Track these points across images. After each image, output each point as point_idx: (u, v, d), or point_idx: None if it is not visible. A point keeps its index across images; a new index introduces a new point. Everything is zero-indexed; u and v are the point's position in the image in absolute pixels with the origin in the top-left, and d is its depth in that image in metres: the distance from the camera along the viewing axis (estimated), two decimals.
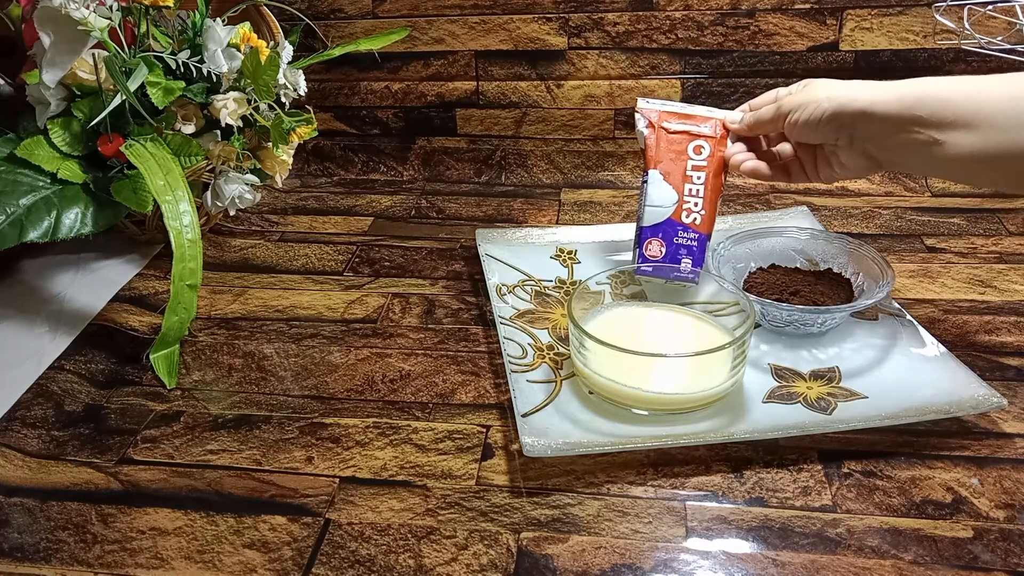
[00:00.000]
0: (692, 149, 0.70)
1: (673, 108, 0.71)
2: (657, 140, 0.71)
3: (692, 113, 0.71)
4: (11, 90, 0.79)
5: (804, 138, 0.62)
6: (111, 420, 0.62)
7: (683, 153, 0.70)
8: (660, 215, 0.70)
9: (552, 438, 0.56)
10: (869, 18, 0.92)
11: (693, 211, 0.70)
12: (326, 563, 0.49)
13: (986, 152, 0.52)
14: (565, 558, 0.49)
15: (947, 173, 0.60)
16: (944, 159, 0.54)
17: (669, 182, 0.70)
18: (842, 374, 0.63)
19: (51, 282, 0.80)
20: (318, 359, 0.68)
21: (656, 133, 0.71)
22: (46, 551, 0.51)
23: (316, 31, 0.98)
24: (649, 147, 0.71)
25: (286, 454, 0.58)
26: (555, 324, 0.70)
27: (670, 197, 0.70)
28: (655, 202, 0.70)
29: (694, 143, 0.70)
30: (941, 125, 0.54)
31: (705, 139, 0.70)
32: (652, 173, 0.70)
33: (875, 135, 0.58)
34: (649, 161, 0.71)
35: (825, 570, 0.48)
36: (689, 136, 0.70)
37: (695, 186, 0.70)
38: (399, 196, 0.99)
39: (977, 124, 0.52)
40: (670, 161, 0.70)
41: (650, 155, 0.70)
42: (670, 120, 0.71)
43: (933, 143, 0.54)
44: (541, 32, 0.98)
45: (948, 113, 0.53)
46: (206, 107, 0.76)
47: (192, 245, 0.65)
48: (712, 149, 0.69)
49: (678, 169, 0.70)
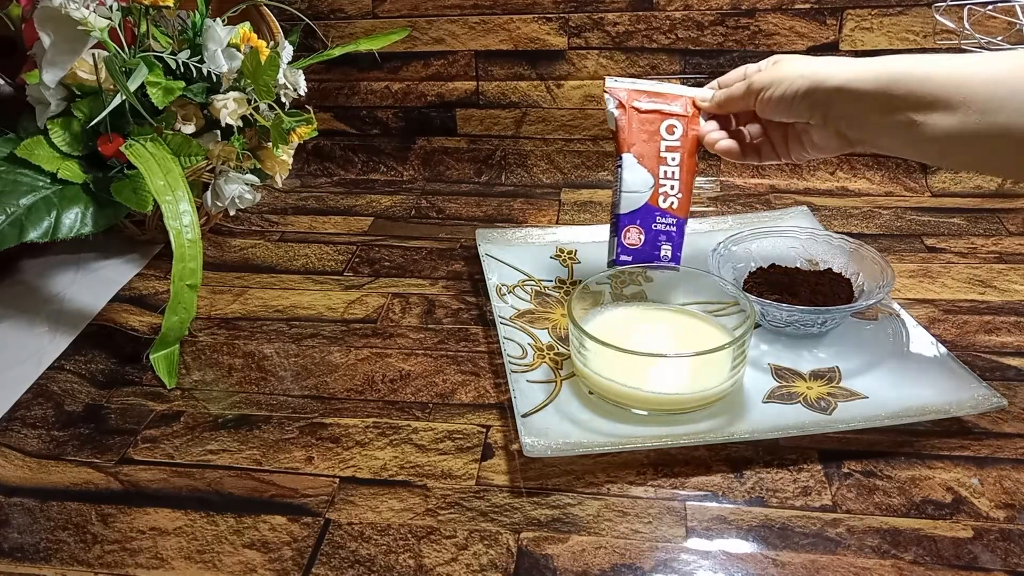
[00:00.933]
0: (664, 129, 0.67)
1: (643, 86, 0.69)
2: (629, 121, 0.68)
3: (662, 91, 0.69)
4: (11, 90, 0.79)
5: (776, 116, 0.61)
6: (111, 420, 0.62)
7: (655, 134, 0.68)
8: (637, 201, 0.68)
9: (552, 438, 0.56)
10: (869, 18, 0.92)
11: (670, 195, 0.68)
12: (326, 563, 0.49)
13: (964, 133, 0.51)
14: (565, 558, 0.49)
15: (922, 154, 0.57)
16: (920, 140, 0.53)
17: (644, 165, 0.67)
18: (842, 374, 0.63)
19: (51, 282, 0.80)
20: (318, 359, 0.68)
21: (627, 114, 0.68)
22: (46, 551, 0.51)
23: (316, 31, 0.98)
24: (621, 129, 0.68)
25: (286, 454, 0.58)
26: (555, 324, 0.70)
27: (646, 181, 0.67)
28: (631, 187, 0.67)
29: (666, 123, 0.67)
30: (919, 106, 0.52)
31: (677, 118, 0.67)
32: (626, 157, 0.67)
33: (850, 114, 0.56)
34: (622, 144, 0.68)
35: (825, 570, 0.48)
36: (661, 115, 0.67)
37: (670, 168, 0.67)
38: (399, 196, 0.99)
39: (956, 105, 0.51)
40: (643, 143, 0.67)
41: (622, 137, 0.68)
42: (640, 99, 0.68)
43: (910, 124, 0.53)
44: (541, 32, 0.98)
45: (927, 93, 0.52)
46: (206, 107, 0.76)
47: (192, 245, 0.65)
48: (685, 128, 0.67)
49: (652, 151, 0.67)
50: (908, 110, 0.53)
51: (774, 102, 0.59)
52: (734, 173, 0.99)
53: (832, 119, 0.58)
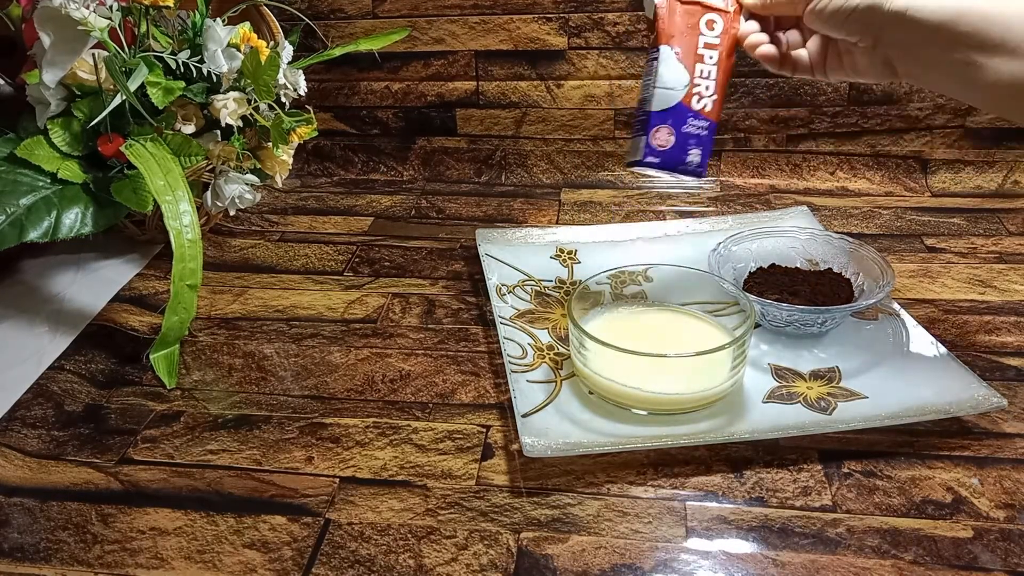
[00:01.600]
0: (704, 24, 0.62)
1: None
2: (670, 10, 0.62)
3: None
4: (11, 90, 0.79)
5: (825, 29, 0.56)
6: (111, 420, 0.62)
7: (695, 28, 0.62)
8: (671, 99, 0.63)
9: (552, 438, 0.56)
10: None
11: (704, 96, 0.63)
12: (326, 563, 0.49)
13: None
14: (565, 558, 0.49)
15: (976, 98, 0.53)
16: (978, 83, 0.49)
17: (681, 60, 0.62)
18: (842, 374, 0.63)
19: (51, 282, 0.80)
20: (318, 359, 0.68)
21: (670, 2, 0.62)
22: (46, 551, 0.51)
23: (316, 31, 0.98)
24: (661, 18, 0.62)
25: (286, 454, 0.58)
26: (555, 324, 0.70)
27: (682, 79, 0.63)
28: (666, 83, 0.62)
29: (707, 17, 0.62)
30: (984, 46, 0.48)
31: (719, 12, 0.62)
32: (664, 50, 0.62)
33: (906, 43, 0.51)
34: (661, 35, 0.62)
35: (825, 570, 0.48)
36: (702, 8, 0.62)
37: (707, 67, 0.63)
38: (399, 196, 0.99)
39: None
40: (682, 36, 0.62)
41: (662, 27, 0.62)
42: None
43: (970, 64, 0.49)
44: (541, 32, 0.98)
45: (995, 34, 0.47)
46: (206, 107, 0.76)
47: (192, 245, 0.65)
48: (726, 25, 0.62)
49: (689, 46, 0.63)
50: (971, 49, 0.49)
51: (826, 14, 0.54)
52: (734, 173, 0.99)
53: (884, 45, 0.53)
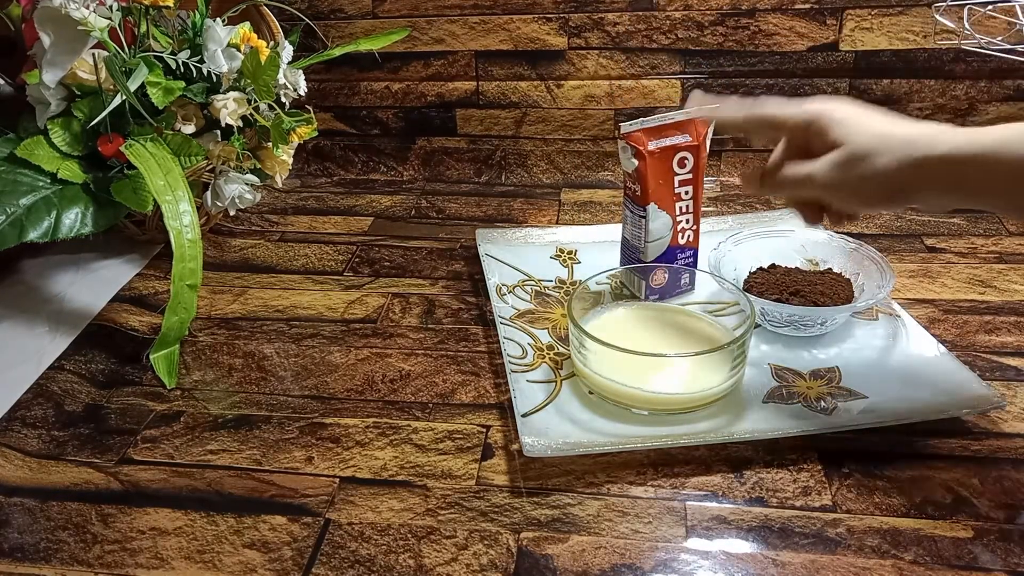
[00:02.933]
0: (677, 163, 0.66)
1: (651, 123, 0.66)
2: (652, 168, 0.66)
3: (668, 121, 0.66)
4: (11, 90, 0.79)
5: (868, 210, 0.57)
6: (111, 420, 0.62)
7: (669, 171, 0.66)
8: (661, 246, 0.69)
9: (552, 438, 0.56)
10: (869, 18, 0.92)
11: (687, 229, 0.69)
12: (326, 563, 0.49)
13: None
14: (565, 558, 0.49)
15: None
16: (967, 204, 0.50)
17: (663, 208, 0.67)
18: (842, 374, 0.63)
19: (51, 282, 0.80)
20: (318, 359, 0.68)
21: (647, 163, 0.65)
22: (46, 551, 0.51)
23: (316, 31, 0.98)
24: (643, 179, 0.66)
25: (286, 454, 0.58)
26: (555, 324, 0.70)
27: (666, 224, 0.68)
28: (655, 236, 0.67)
29: (678, 156, 0.66)
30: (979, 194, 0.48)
31: (688, 149, 0.66)
32: (651, 208, 0.67)
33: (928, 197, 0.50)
34: (646, 195, 0.66)
35: (825, 570, 0.48)
36: (673, 150, 0.66)
37: (684, 202, 0.67)
38: (399, 196, 0.99)
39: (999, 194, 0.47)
40: (660, 186, 0.66)
41: (648, 189, 0.66)
42: (654, 139, 0.66)
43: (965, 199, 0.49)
44: (541, 32, 0.98)
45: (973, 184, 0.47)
46: (206, 107, 0.76)
47: (192, 245, 0.65)
48: (696, 158, 0.66)
49: (668, 191, 0.67)
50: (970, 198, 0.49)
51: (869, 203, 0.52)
52: (734, 173, 0.99)
53: None
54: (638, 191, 0.67)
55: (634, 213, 0.68)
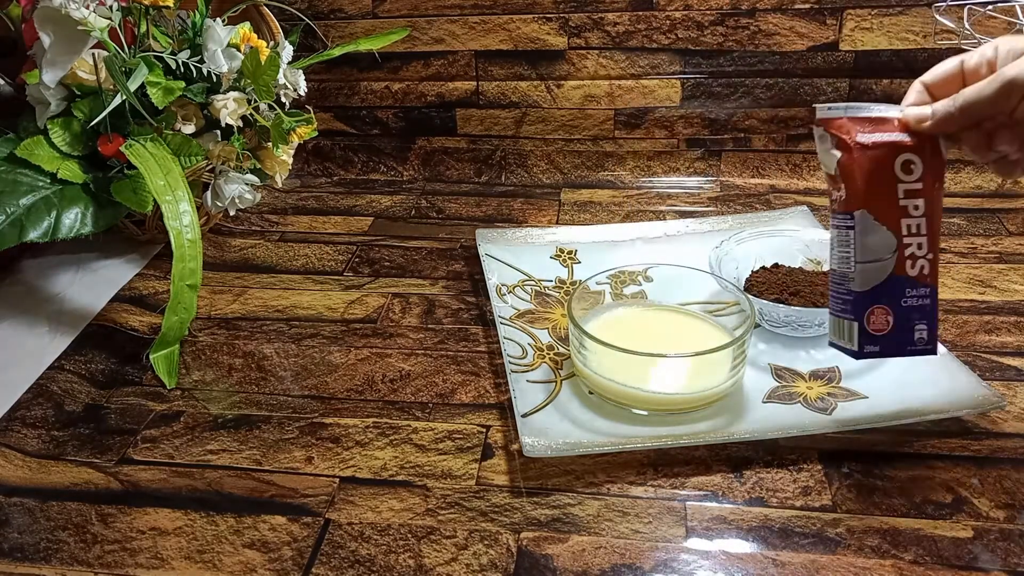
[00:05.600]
0: (900, 167, 0.50)
1: (859, 112, 0.51)
2: (858, 163, 0.50)
3: (883, 115, 0.51)
4: (11, 90, 0.79)
5: None
6: (111, 420, 0.62)
7: (889, 175, 0.50)
8: (881, 272, 0.50)
9: (552, 438, 0.56)
10: (869, 18, 0.92)
11: (918, 256, 0.50)
12: (326, 563, 0.49)
13: None
14: (565, 558, 0.49)
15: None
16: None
17: (882, 221, 0.50)
18: (842, 374, 0.63)
19: (51, 282, 0.80)
20: (318, 359, 0.68)
21: (853, 155, 0.50)
22: (46, 551, 0.51)
23: (316, 31, 0.98)
24: (848, 177, 0.50)
25: (286, 454, 0.58)
26: (555, 324, 0.70)
27: (887, 243, 0.50)
28: (871, 255, 0.50)
29: (901, 158, 0.50)
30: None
31: (912, 150, 0.50)
32: (860, 215, 0.50)
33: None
34: (853, 197, 0.50)
35: (825, 570, 0.48)
36: (893, 148, 0.50)
37: (914, 220, 0.50)
38: (399, 196, 0.99)
39: None
40: (877, 191, 0.50)
41: (853, 188, 0.50)
42: (864, 129, 0.50)
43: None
44: (541, 32, 0.98)
45: None
46: (206, 107, 0.76)
47: (192, 245, 0.65)
48: (925, 164, 0.50)
49: (889, 201, 0.50)
50: None
51: None
52: (734, 173, 0.99)
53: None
54: (843, 195, 0.51)
55: (840, 226, 0.51)
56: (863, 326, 0.51)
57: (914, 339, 0.52)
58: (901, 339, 0.51)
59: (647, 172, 1.00)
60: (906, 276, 0.50)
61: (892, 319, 0.51)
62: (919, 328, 0.51)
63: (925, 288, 0.51)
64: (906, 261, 0.50)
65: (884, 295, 0.51)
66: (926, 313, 0.51)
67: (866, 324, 0.51)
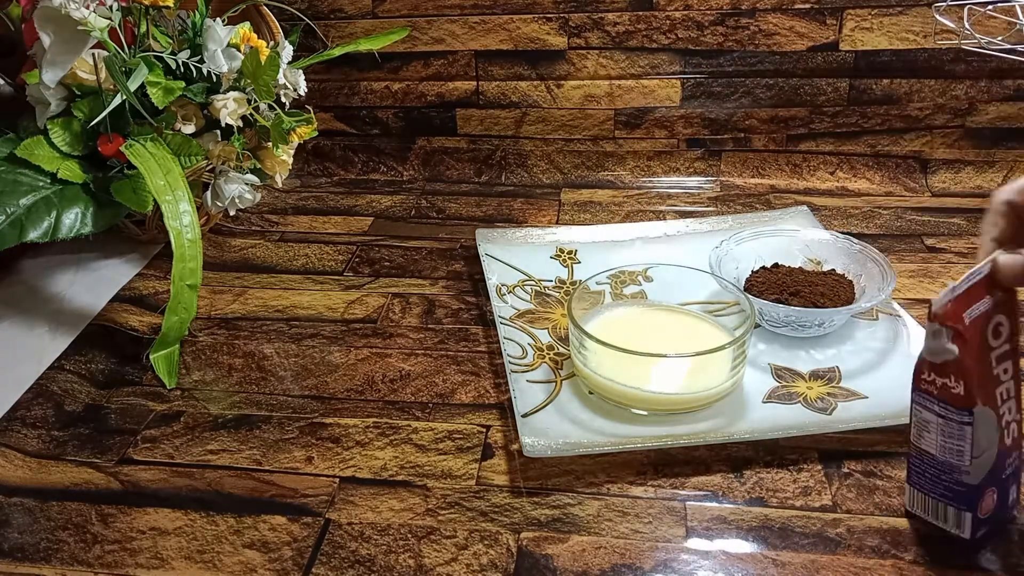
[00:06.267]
0: (991, 333, 0.45)
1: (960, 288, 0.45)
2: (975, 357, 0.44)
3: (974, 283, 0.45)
4: (11, 90, 0.79)
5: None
6: (111, 420, 0.62)
7: (985, 348, 0.45)
8: (991, 459, 0.46)
9: (552, 438, 0.56)
10: (869, 18, 0.92)
11: (1011, 421, 0.46)
12: (326, 563, 0.49)
13: None
14: (565, 558, 0.49)
15: None
16: None
17: (988, 404, 0.45)
18: (842, 374, 0.63)
19: (51, 282, 0.80)
20: (318, 359, 0.68)
21: (969, 346, 0.44)
22: (46, 551, 0.51)
23: (316, 31, 0.98)
24: (967, 372, 0.44)
25: (286, 454, 0.58)
26: (555, 324, 0.70)
27: (994, 425, 0.45)
28: (985, 446, 0.45)
29: (993, 322, 0.45)
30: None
31: (1001, 311, 0.45)
32: (980, 412, 0.45)
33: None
34: (973, 392, 0.44)
35: (825, 570, 0.48)
36: (986, 318, 0.45)
37: (1005, 386, 0.46)
38: (399, 196, 0.99)
39: None
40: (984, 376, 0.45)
41: (972, 383, 0.44)
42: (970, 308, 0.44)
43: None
44: (541, 32, 0.98)
45: None
46: (206, 107, 0.76)
47: (192, 245, 0.65)
48: (1012, 324, 0.46)
49: (989, 376, 0.45)
50: None
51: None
52: (734, 173, 0.99)
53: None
54: (960, 390, 0.44)
55: (951, 418, 0.45)
56: (976, 515, 0.47)
57: (1009, 504, 0.49)
58: (1003, 507, 0.49)
59: (647, 172, 1.00)
60: (1004, 448, 0.46)
61: (996, 496, 0.48)
62: (1012, 489, 0.49)
63: (1017, 452, 0.48)
64: (1004, 432, 0.46)
65: (991, 479, 0.47)
66: (1018, 474, 0.49)
67: (979, 511, 0.47)
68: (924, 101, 0.95)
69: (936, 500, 0.48)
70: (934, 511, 0.49)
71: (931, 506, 0.49)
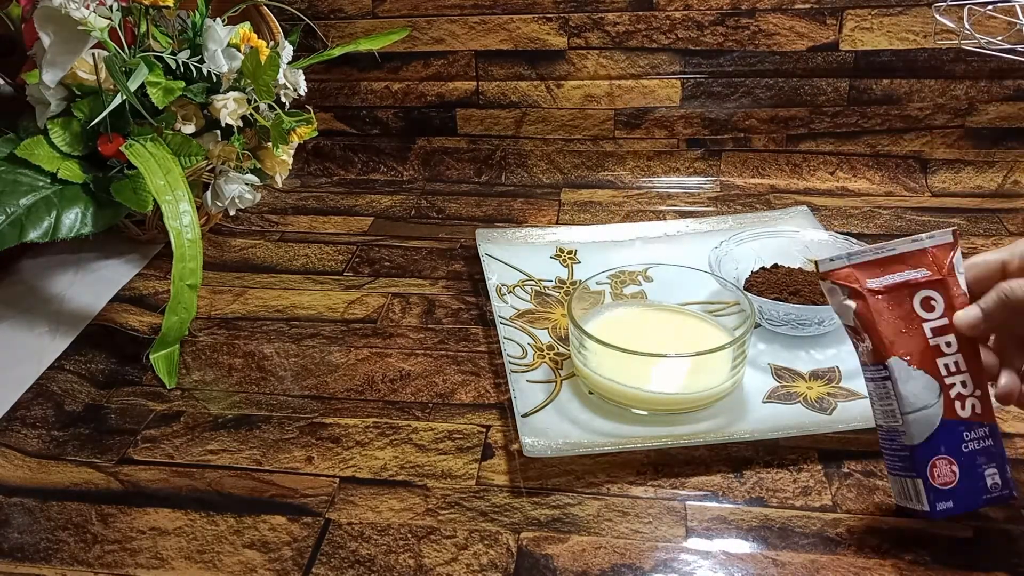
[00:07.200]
0: (920, 305, 0.49)
1: (861, 257, 0.49)
2: (876, 310, 0.48)
3: (892, 252, 0.49)
4: (11, 90, 0.79)
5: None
6: (111, 420, 0.62)
7: (912, 317, 0.48)
8: (931, 420, 0.48)
9: (552, 438, 0.56)
10: (869, 18, 0.92)
11: (965, 395, 0.48)
12: (326, 563, 0.49)
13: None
14: (565, 558, 0.49)
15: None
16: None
17: (919, 366, 0.48)
18: (842, 374, 0.63)
19: (51, 282, 0.80)
20: (318, 359, 0.68)
21: (869, 303, 0.48)
22: (46, 551, 0.51)
23: (316, 31, 0.98)
24: (872, 326, 0.48)
25: (286, 454, 0.58)
26: (555, 324, 0.70)
27: (929, 387, 0.48)
28: (915, 403, 0.48)
29: (920, 295, 0.49)
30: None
31: (929, 286, 0.49)
32: (894, 363, 0.48)
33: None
34: (881, 346, 0.48)
35: (825, 570, 0.48)
36: (908, 288, 0.49)
37: (948, 358, 0.48)
38: (399, 196, 0.99)
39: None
40: (903, 335, 0.48)
41: (882, 338, 0.48)
42: (874, 274, 0.49)
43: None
44: (541, 32, 0.98)
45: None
46: (206, 107, 0.76)
47: (192, 245, 0.65)
48: (947, 296, 0.49)
49: (918, 342, 0.48)
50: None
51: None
52: (734, 173, 0.99)
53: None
54: (868, 346, 0.49)
55: (874, 379, 0.49)
56: (928, 482, 0.48)
57: (987, 485, 0.48)
58: (973, 487, 0.48)
59: (647, 172, 1.00)
60: (958, 419, 0.48)
61: (957, 468, 0.48)
62: (989, 472, 0.48)
63: (983, 427, 0.48)
64: (954, 403, 0.48)
65: (942, 443, 0.48)
66: (992, 454, 0.48)
67: (931, 479, 0.48)
68: (924, 101, 0.95)
69: (898, 477, 0.49)
70: (902, 491, 0.49)
71: (899, 487, 0.50)
